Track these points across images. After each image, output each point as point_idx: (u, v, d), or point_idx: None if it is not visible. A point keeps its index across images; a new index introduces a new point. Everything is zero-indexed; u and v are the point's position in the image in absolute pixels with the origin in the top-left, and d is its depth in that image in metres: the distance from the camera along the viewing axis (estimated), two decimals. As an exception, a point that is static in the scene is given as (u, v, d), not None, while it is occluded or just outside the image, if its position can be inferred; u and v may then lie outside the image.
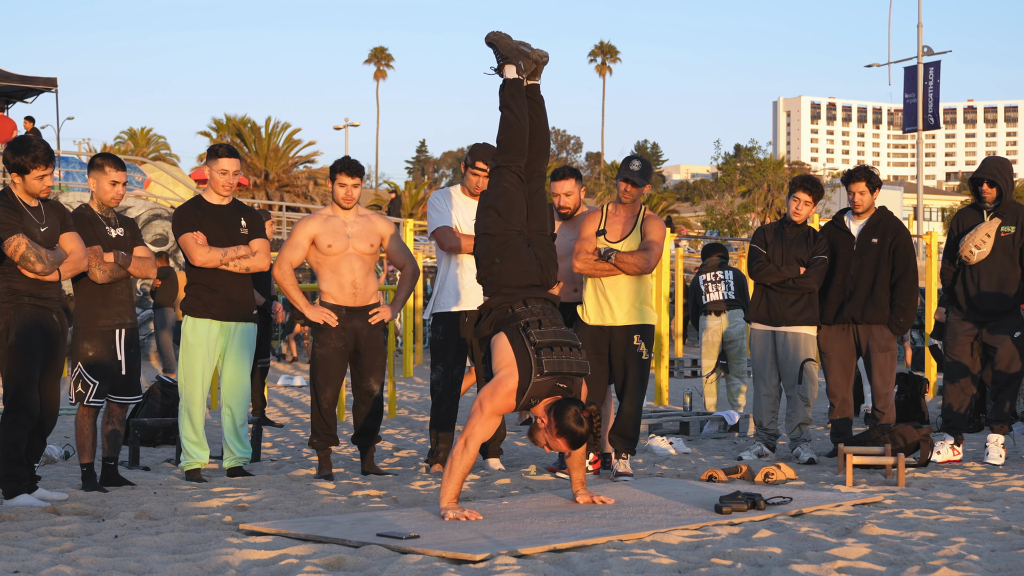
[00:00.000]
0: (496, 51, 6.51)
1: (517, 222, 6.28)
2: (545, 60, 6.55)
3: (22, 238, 6.39)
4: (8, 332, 6.43)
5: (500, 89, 6.48)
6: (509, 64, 6.45)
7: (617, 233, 7.51)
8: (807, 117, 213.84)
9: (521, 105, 6.42)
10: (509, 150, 6.38)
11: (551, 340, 5.91)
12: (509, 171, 6.35)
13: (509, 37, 6.53)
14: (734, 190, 60.33)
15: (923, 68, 33.01)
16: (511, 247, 6.21)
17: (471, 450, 5.83)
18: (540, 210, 6.44)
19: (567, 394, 5.90)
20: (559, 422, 5.77)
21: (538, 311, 6.04)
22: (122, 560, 4.82)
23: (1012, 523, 5.60)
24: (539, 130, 6.49)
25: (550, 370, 5.83)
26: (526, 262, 6.20)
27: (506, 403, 5.86)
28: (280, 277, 7.65)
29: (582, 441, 5.81)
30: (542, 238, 6.38)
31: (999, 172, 8.33)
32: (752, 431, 9.95)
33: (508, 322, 6.01)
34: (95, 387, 7.03)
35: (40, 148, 6.53)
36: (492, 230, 6.26)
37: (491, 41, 6.54)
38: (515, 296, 6.09)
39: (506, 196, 6.30)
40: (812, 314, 8.46)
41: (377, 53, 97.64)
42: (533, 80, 6.54)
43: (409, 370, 18.00)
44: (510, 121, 6.40)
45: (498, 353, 5.97)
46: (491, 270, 6.20)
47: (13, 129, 24.81)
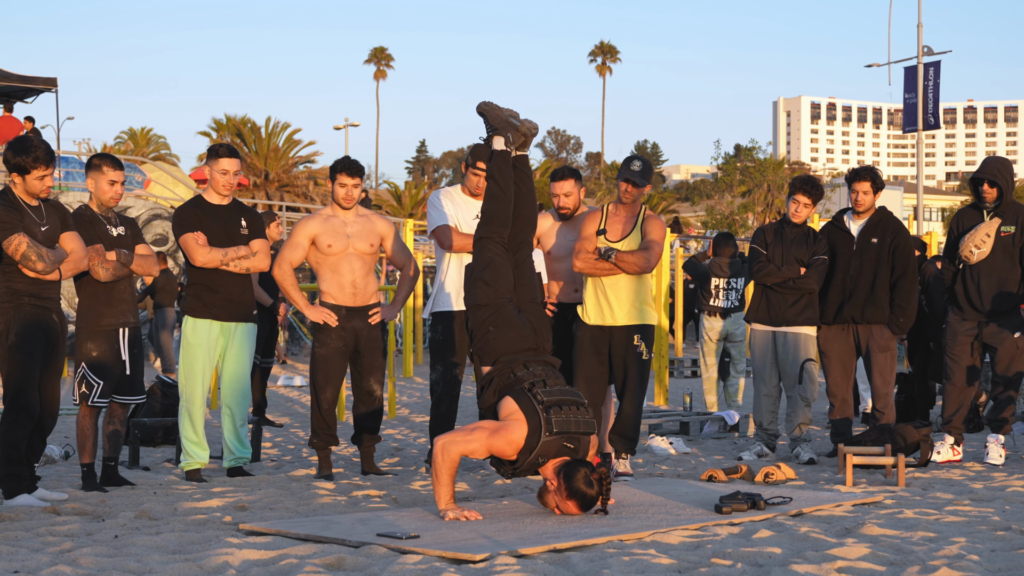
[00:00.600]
0: (486, 121, 6.61)
1: (505, 290, 6.31)
2: (534, 132, 6.62)
3: (23, 237, 6.40)
4: (8, 332, 6.43)
5: (487, 160, 6.56)
6: (498, 135, 6.53)
7: (617, 233, 7.50)
8: (807, 117, 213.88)
9: (507, 177, 6.49)
10: (493, 221, 6.44)
11: (558, 399, 5.90)
12: (493, 242, 6.40)
13: (499, 108, 6.62)
14: (734, 190, 60.30)
15: (923, 68, 32.99)
16: (502, 314, 6.22)
17: (451, 454, 5.79)
18: (528, 280, 6.49)
19: (574, 454, 5.88)
20: (569, 484, 5.76)
21: (540, 372, 6.04)
22: (122, 560, 4.82)
23: (1012, 523, 5.60)
24: (525, 200, 6.55)
25: (559, 429, 5.81)
26: (519, 327, 6.20)
27: (504, 450, 5.82)
28: (280, 277, 7.65)
29: (593, 503, 5.80)
30: (533, 306, 6.40)
31: (1000, 172, 8.33)
32: (752, 431, 9.95)
33: (512, 386, 5.99)
34: (99, 387, 7.03)
35: (41, 148, 6.54)
36: (481, 300, 6.28)
37: (482, 111, 6.64)
38: (515, 361, 6.08)
39: (492, 267, 6.33)
40: (812, 314, 8.46)
41: (377, 53, 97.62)
42: (521, 151, 6.62)
43: (409, 370, 18.01)
44: (495, 193, 6.48)
45: (504, 410, 5.94)
46: (486, 339, 6.20)
47: (19, 129, 24.82)
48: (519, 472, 5.91)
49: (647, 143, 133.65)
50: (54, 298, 6.64)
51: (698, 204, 63.11)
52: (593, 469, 5.77)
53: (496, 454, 5.87)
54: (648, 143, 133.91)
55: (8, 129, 24.96)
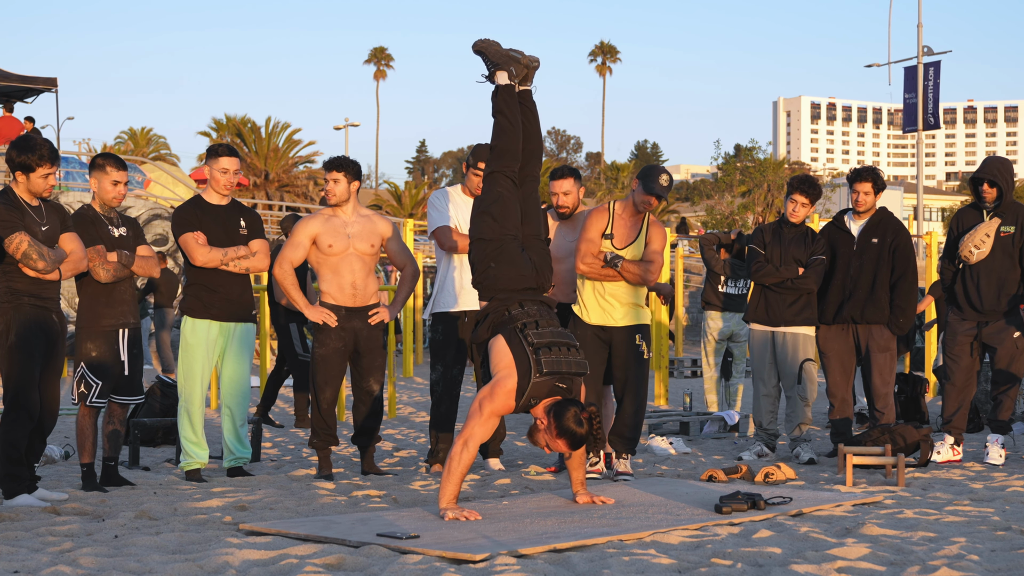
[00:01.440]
0: (485, 58, 6.54)
1: (512, 227, 6.30)
2: (536, 65, 6.57)
3: (24, 235, 6.40)
4: (8, 332, 6.43)
5: (492, 95, 6.50)
6: (500, 70, 6.49)
7: (623, 239, 7.48)
8: (807, 117, 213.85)
9: (514, 110, 6.46)
10: (503, 155, 6.41)
11: (549, 340, 5.92)
12: (503, 176, 6.38)
13: (498, 44, 6.56)
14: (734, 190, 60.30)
15: (923, 68, 33.00)
16: (506, 251, 6.22)
17: (471, 450, 5.84)
18: (534, 215, 6.46)
19: (566, 394, 5.90)
20: (559, 423, 5.77)
21: (535, 313, 6.05)
22: (122, 560, 4.83)
23: (1012, 523, 5.60)
24: (532, 134, 6.52)
25: (549, 370, 5.83)
26: (521, 266, 6.21)
27: (505, 404, 5.86)
28: (280, 276, 7.65)
29: (582, 442, 5.81)
30: (536, 242, 6.40)
31: (1000, 172, 8.33)
32: (752, 431, 9.95)
33: (505, 324, 6.02)
34: (98, 387, 7.03)
35: (45, 147, 6.55)
36: (487, 235, 6.28)
37: (479, 49, 6.57)
38: (511, 299, 6.10)
39: (500, 201, 6.32)
40: (811, 314, 8.46)
41: (377, 53, 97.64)
42: (525, 85, 6.57)
43: (409, 370, 18.00)
44: (503, 127, 6.43)
45: (496, 355, 5.97)
46: (486, 275, 6.22)
47: (19, 129, 24.84)
48: (516, 410, 5.94)
49: (647, 143, 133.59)
50: (54, 298, 6.64)
51: (698, 204, 63.12)
52: (583, 408, 5.78)
53: (503, 413, 5.93)
54: (648, 143, 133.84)
55: (8, 129, 24.97)
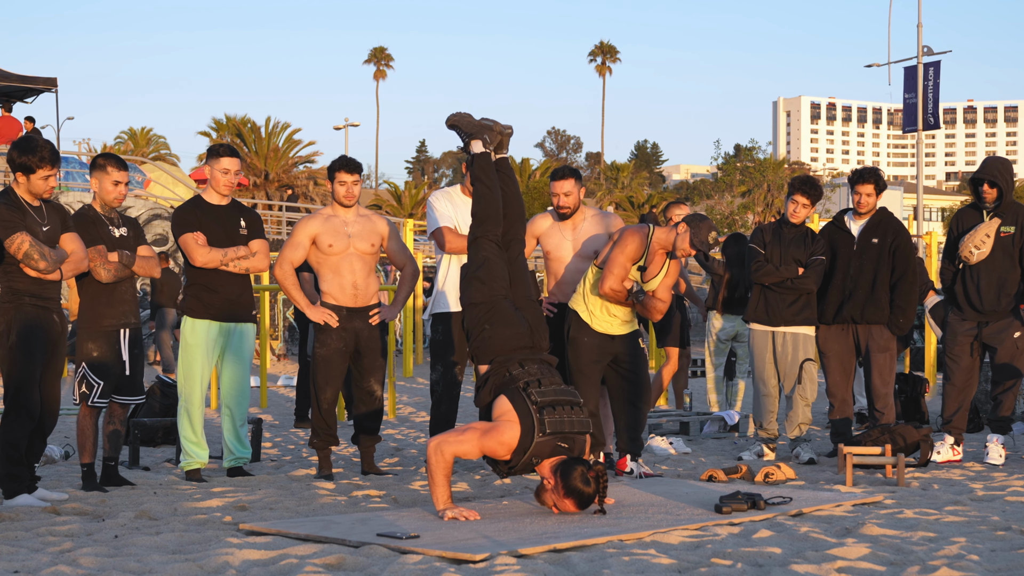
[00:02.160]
0: (459, 131, 6.75)
1: (501, 288, 6.35)
2: (509, 132, 6.76)
3: (25, 236, 6.41)
4: (9, 332, 6.44)
5: (468, 164, 6.72)
6: (474, 140, 6.69)
7: (652, 272, 7.49)
8: (807, 117, 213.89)
9: (491, 176, 6.61)
10: (485, 221, 6.53)
11: (552, 399, 5.91)
12: (487, 240, 6.48)
13: (470, 115, 6.78)
14: (734, 190, 60.36)
15: (923, 68, 32.98)
16: (499, 312, 6.25)
17: (445, 454, 5.80)
18: (522, 277, 6.54)
19: (569, 453, 5.89)
20: (566, 483, 5.76)
21: (536, 372, 6.05)
22: (122, 560, 4.83)
23: (1012, 523, 5.60)
24: (512, 199, 6.67)
25: (552, 430, 5.82)
26: (516, 324, 6.23)
27: (497, 450, 5.83)
28: (281, 277, 7.65)
29: (590, 501, 5.79)
30: (528, 303, 6.44)
31: (1000, 172, 8.32)
32: (752, 431, 9.95)
33: (507, 385, 6.01)
34: (99, 387, 7.04)
35: (46, 148, 6.56)
36: (477, 299, 6.32)
37: (453, 123, 6.80)
38: (511, 360, 6.10)
39: (487, 265, 6.39)
40: (810, 314, 8.46)
41: (377, 53, 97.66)
42: (500, 153, 6.74)
43: (409, 370, 18.00)
44: (483, 193, 6.58)
45: (498, 409, 5.95)
46: (482, 338, 6.22)
47: (19, 129, 24.84)
48: (514, 471, 5.92)
49: (647, 143, 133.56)
50: (55, 298, 6.65)
51: (698, 204, 63.19)
52: (589, 467, 5.77)
53: (489, 455, 5.89)
54: (648, 143, 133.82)
55: (8, 129, 24.97)
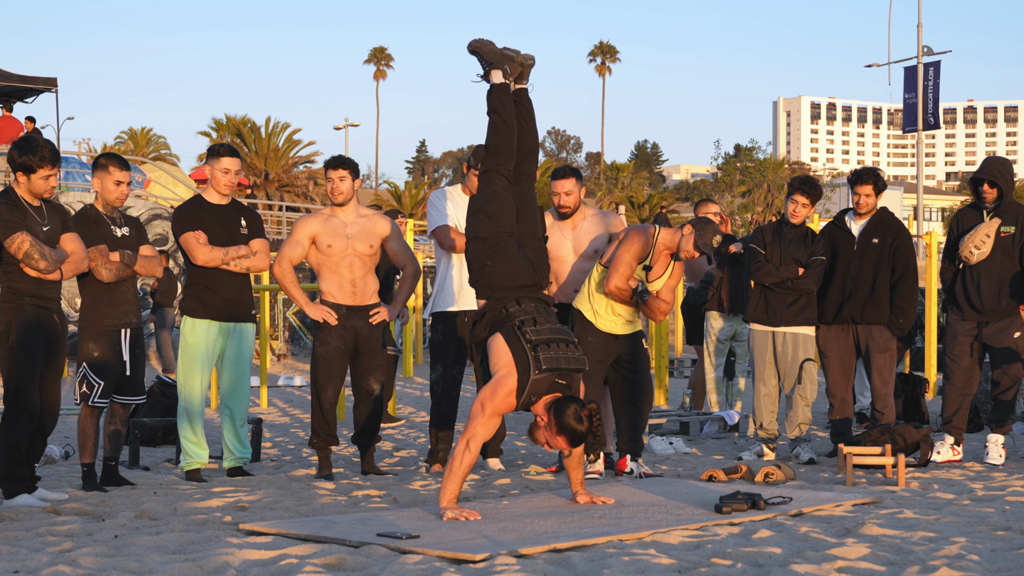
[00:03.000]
0: (480, 58, 6.56)
1: (507, 225, 6.30)
2: (531, 63, 6.57)
3: (26, 235, 6.41)
4: (9, 332, 6.44)
5: (487, 94, 6.52)
6: (495, 69, 6.50)
7: (657, 273, 7.51)
8: (807, 117, 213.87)
9: (508, 109, 6.47)
10: (498, 154, 6.41)
11: (547, 337, 5.92)
12: (498, 174, 6.38)
13: (492, 43, 6.57)
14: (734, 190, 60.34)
15: (923, 68, 33.00)
16: (502, 249, 6.23)
17: (472, 451, 5.83)
18: (530, 212, 6.45)
19: (566, 391, 5.90)
20: (559, 420, 5.77)
21: (532, 310, 6.05)
22: (122, 560, 4.83)
23: (1012, 523, 5.60)
24: (527, 133, 6.52)
25: (548, 366, 5.83)
26: (517, 263, 6.21)
27: (506, 403, 5.86)
28: (280, 275, 7.65)
29: (582, 439, 5.80)
30: (533, 240, 6.40)
31: (1000, 172, 8.32)
32: (752, 431, 9.95)
33: (503, 322, 6.02)
34: (100, 387, 7.04)
35: (47, 148, 6.56)
36: (482, 233, 6.29)
37: (474, 48, 6.58)
38: (508, 297, 6.10)
39: (495, 199, 6.33)
40: (810, 314, 8.45)
41: (377, 53, 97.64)
42: (520, 84, 6.58)
43: (409, 370, 18.01)
44: (498, 125, 6.44)
45: (495, 354, 5.97)
46: (482, 273, 6.22)
47: (19, 129, 24.84)
48: (516, 408, 5.93)
49: (647, 143, 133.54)
50: (55, 298, 6.65)
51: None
52: (583, 405, 5.77)
53: (505, 412, 5.92)
54: (648, 143, 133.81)
55: (8, 129, 24.97)
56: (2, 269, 6.50)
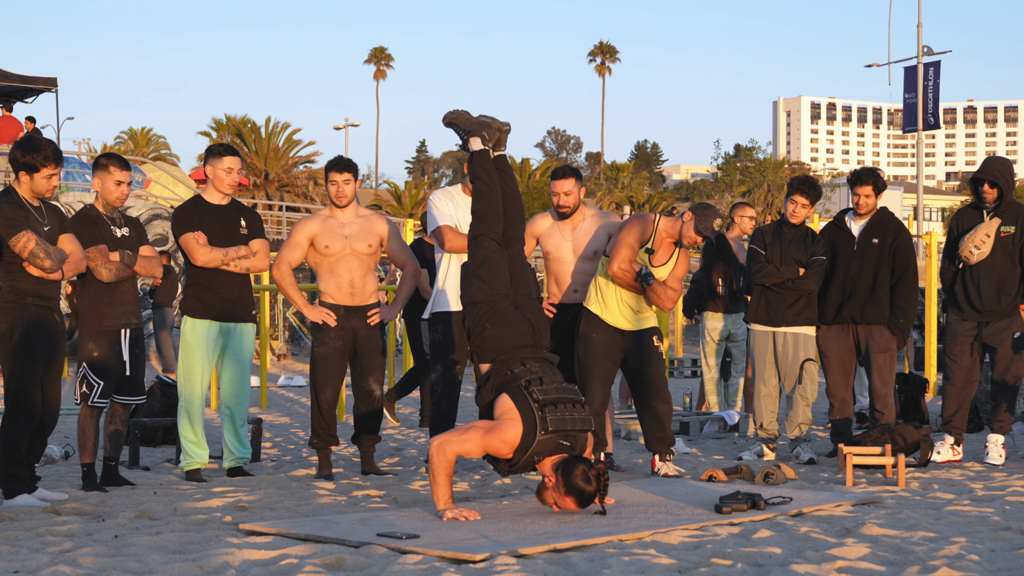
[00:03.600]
0: (456, 129, 6.72)
1: (501, 287, 6.34)
2: (507, 129, 6.74)
3: (31, 234, 6.42)
4: (12, 332, 6.44)
5: (467, 162, 6.68)
6: (473, 137, 6.66)
7: (662, 258, 7.53)
8: (807, 117, 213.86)
9: (491, 174, 6.60)
10: (486, 218, 6.51)
11: (554, 397, 5.91)
12: (487, 238, 6.46)
13: (467, 113, 6.74)
14: (734, 190, 60.38)
15: (923, 68, 33.00)
16: (499, 311, 6.24)
17: (446, 453, 5.79)
18: (523, 274, 6.52)
19: (571, 452, 5.89)
20: (567, 481, 5.76)
21: (537, 370, 6.05)
22: (122, 560, 4.83)
23: (1012, 523, 5.60)
24: (511, 197, 6.65)
25: (554, 428, 5.82)
26: (516, 324, 6.22)
27: (500, 449, 5.83)
28: (279, 277, 7.65)
29: (591, 500, 5.79)
30: (529, 302, 6.43)
31: (1000, 172, 8.32)
32: (752, 431, 9.95)
33: (508, 383, 6.00)
34: (99, 387, 7.04)
35: (50, 148, 6.58)
36: (478, 298, 6.31)
37: (450, 121, 6.76)
38: (512, 359, 6.09)
39: (487, 263, 6.37)
40: (811, 314, 8.45)
41: (377, 53, 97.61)
42: (498, 151, 6.73)
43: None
44: (482, 191, 6.57)
45: (500, 407, 5.96)
46: (483, 337, 6.22)
47: (19, 129, 24.84)
48: (516, 470, 5.92)
49: (647, 143, 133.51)
50: (56, 298, 6.67)
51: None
52: (591, 465, 5.77)
53: (492, 453, 5.88)
54: (648, 143, 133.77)
55: (8, 129, 24.98)
56: (3, 269, 6.50)
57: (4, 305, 6.49)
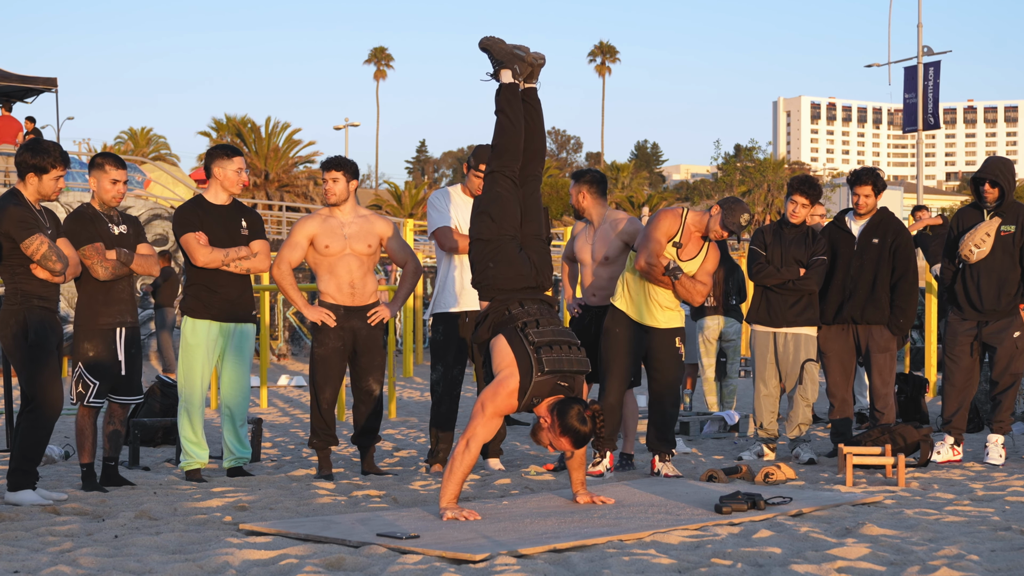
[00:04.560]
0: (491, 56, 6.50)
1: (510, 227, 6.30)
2: (541, 62, 6.52)
3: (43, 237, 6.45)
4: (26, 332, 6.46)
5: (496, 93, 6.46)
6: (504, 68, 6.45)
7: (690, 252, 7.55)
8: (807, 117, 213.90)
9: (516, 110, 6.42)
10: (503, 155, 6.38)
11: (550, 339, 5.91)
12: (503, 176, 6.37)
13: (503, 41, 6.52)
14: (734, 190, 60.40)
15: (923, 68, 33.00)
16: (504, 251, 6.23)
17: (472, 451, 5.83)
18: (535, 214, 6.45)
19: (568, 393, 5.90)
20: (562, 421, 5.77)
21: (535, 311, 6.05)
22: (122, 560, 4.83)
23: (1012, 523, 5.60)
24: (535, 134, 6.49)
25: (550, 368, 5.83)
26: (519, 265, 6.21)
27: (508, 404, 5.86)
28: (279, 277, 7.64)
29: (586, 440, 5.81)
30: (536, 242, 6.39)
31: (1001, 172, 8.31)
32: (752, 431, 9.96)
33: (505, 324, 6.02)
34: (95, 387, 7.04)
35: (57, 149, 6.64)
36: (485, 235, 6.29)
37: (485, 46, 6.52)
38: (511, 299, 6.10)
39: (499, 201, 6.32)
40: (812, 315, 8.45)
41: (377, 53, 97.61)
42: (530, 83, 6.52)
43: (409, 370, 18.01)
44: (504, 126, 6.40)
45: (498, 355, 5.97)
46: (485, 274, 6.22)
47: (19, 129, 24.83)
48: (519, 409, 5.94)
49: (647, 143, 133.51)
50: (57, 300, 6.71)
51: (698, 204, 63.26)
52: (586, 406, 5.78)
53: (505, 413, 5.92)
54: (648, 143, 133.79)
55: (8, 129, 24.97)
56: (9, 271, 6.51)
57: (11, 307, 6.51)
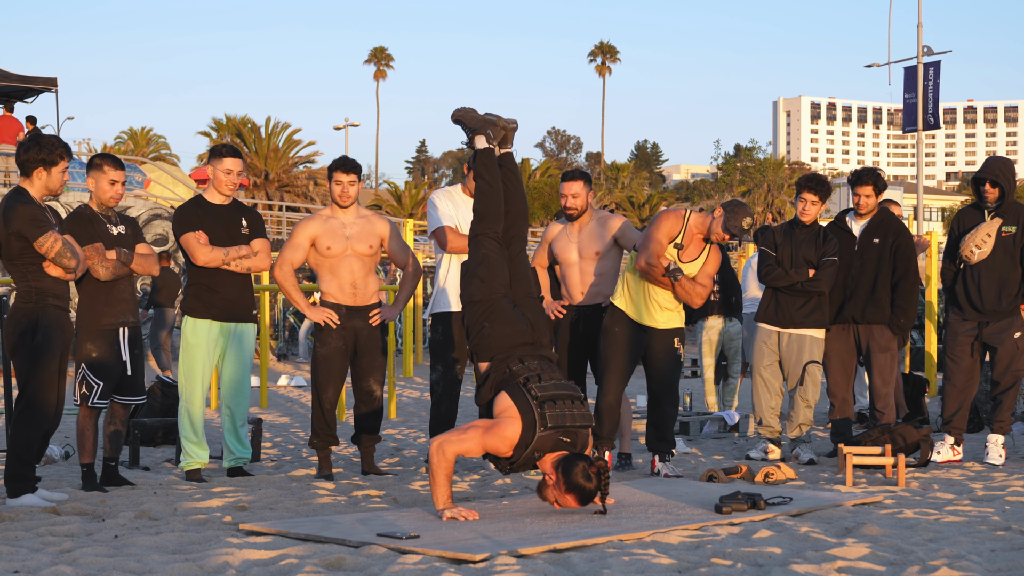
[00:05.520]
0: (463, 126, 6.71)
1: (500, 286, 6.34)
2: (514, 127, 6.73)
3: (56, 234, 6.45)
4: (34, 332, 6.44)
5: (471, 160, 6.66)
6: (478, 135, 6.64)
7: (691, 254, 7.52)
8: (807, 117, 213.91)
9: (494, 173, 6.58)
10: (485, 218, 6.51)
11: (552, 393, 5.91)
12: (487, 237, 6.46)
13: (474, 111, 6.73)
14: (734, 190, 60.42)
15: (923, 68, 32.98)
16: (497, 310, 6.25)
17: (446, 453, 5.80)
18: (523, 273, 6.53)
19: (571, 448, 5.89)
20: (567, 478, 5.75)
21: (536, 367, 6.05)
22: (122, 560, 4.83)
23: (1012, 523, 5.60)
24: (514, 196, 6.63)
25: (553, 424, 5.82)
26: (515, 322, 6.23)
27: (499, 447, 5.84)
28: (280, 278, 7.65)
29: (591, 497, 5.79)
30: (529, 300, 6.44)
31: (1002, 172, 8.31)
32: (752, 431, 9.95)
33: (507, 381, 6.01)
34: (99, 388, 7.03)
35: (59, 142, 6.65)
36: (477, 296, 6.32)
37: (458, 118, 6.75)
38: (510, 357, 6.10)
39: (486, 262, 6.38)
40: (820, 316, 8.39)
41: (377, 53, 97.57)
42: (505, 148, 6.71)
43: (409, 370, 18.00)
44: (484, 190, 6.56)
45: (499, 406, 5.96)
46: (481, 335, 6.22)
47: (19, 129, 24.82)
48: (516, 468, 5.93)
49: (647, 143, 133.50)
50: (68, 298, 6.69)
51: (698, 204, 63.31)
52: (591, 463, 5.77)
53: (492, 452, 5.89)
54: (648, 143, 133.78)
55: (8, 129, 24.96)
56: (22, 269, 6.49)
57: (24, 305, 6.48)
